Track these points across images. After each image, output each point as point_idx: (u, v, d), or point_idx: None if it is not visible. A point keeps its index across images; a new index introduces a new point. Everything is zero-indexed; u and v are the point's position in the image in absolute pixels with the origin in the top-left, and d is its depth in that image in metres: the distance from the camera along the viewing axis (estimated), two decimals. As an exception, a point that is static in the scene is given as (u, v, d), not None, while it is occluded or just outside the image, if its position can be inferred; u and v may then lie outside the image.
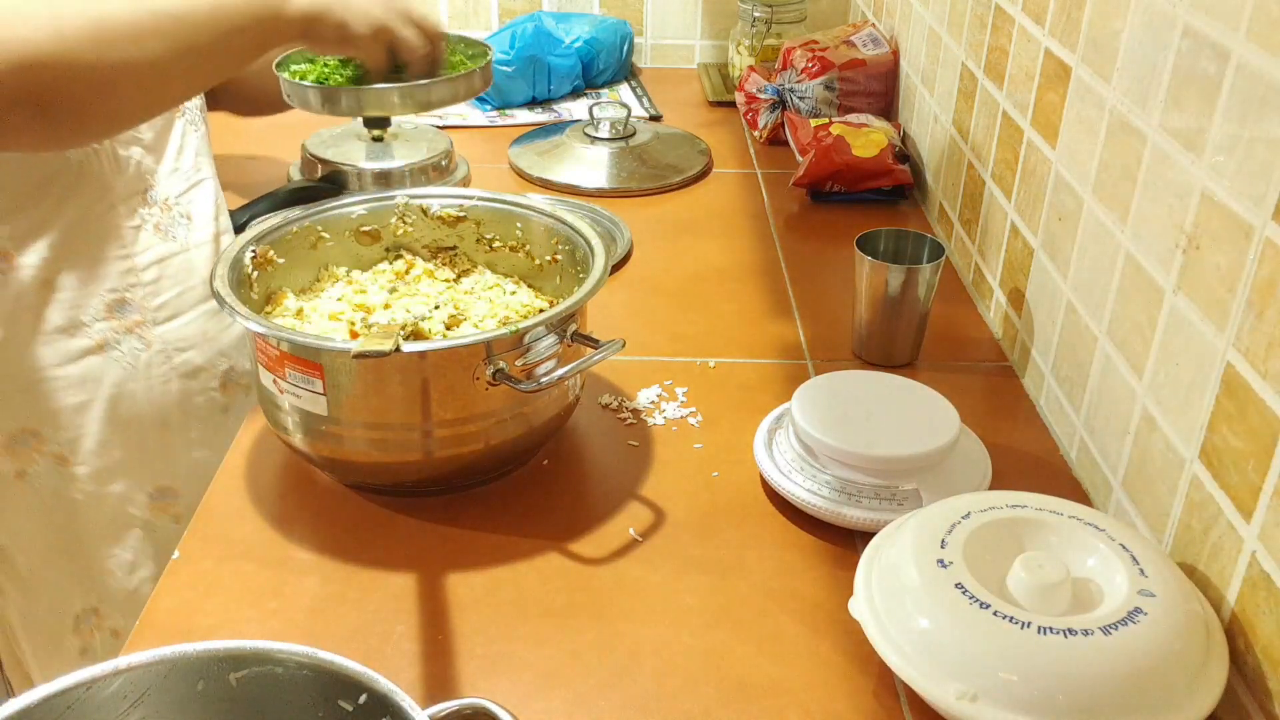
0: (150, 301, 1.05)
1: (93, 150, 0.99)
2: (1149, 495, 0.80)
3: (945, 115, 1.33)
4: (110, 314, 1.02)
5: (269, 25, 0.92)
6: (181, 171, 1.09)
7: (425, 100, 1.06)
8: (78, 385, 1.02)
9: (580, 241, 0.95)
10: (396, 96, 1.04)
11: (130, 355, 1.05)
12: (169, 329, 1.07)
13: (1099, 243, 0.90)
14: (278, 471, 0.93)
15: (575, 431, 0.98)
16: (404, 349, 0.78)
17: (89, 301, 1.01)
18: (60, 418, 1.02)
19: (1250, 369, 0.67)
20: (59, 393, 1.01)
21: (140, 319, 1.05)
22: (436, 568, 0.83)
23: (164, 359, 1.07)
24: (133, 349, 1.05)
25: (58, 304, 0.99)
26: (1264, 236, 0.66)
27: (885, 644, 0.68)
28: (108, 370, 1.03)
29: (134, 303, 1.04)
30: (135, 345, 1.05)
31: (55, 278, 0.99)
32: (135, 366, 1.05)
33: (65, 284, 0.99)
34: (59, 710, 0.53)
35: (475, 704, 0.59)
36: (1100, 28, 0.89)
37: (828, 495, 0.85)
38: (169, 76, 0.89)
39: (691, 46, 1.99)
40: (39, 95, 0.82)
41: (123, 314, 1.03)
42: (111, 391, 1.04)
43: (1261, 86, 0.66)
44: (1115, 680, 0.63)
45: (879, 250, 1.06)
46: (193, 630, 0.77)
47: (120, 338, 1.04)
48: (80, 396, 1.02)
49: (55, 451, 1.03)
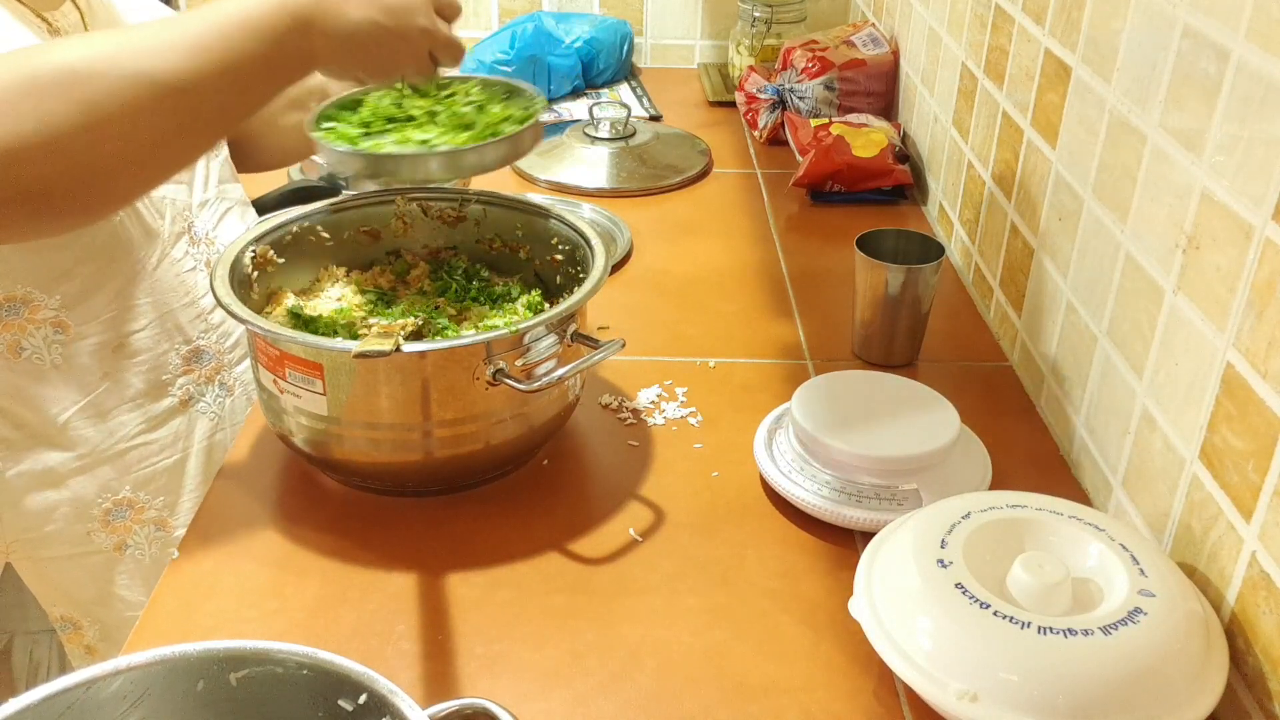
0: (224, 343, 1.04)
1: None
2: (1149, 495, 0.80)
3: (945, 115, 1.33)
4: (189, 366, 1.01)
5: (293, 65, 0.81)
6: (210, 202, 1.06)
7: (479, 164, 0.88)
8: (170, 446, 1.01)
9: (580, 241, 0.95)
10: (436, 164, 0.87)
11: (215, 404, 1.04)
12: (245, 368, 1.07)
13: (1099, 243, 0.90)
14: (278, 471, 0.93)
15: (575, 431, 0.98)
16: (404, 349, 0.78)
17: (168, 359, 0.99)
18: (155, 482, 1.01)
19: (1250, 369, 0.67)
20: (150, 457, 1.00)
21: (217, 364, 1.04)
22: (436, 568, 0.83)
23: (246, 400, 1.06)
24: (216, 397, 1.04)
25: (136, 368, 0.97)
26: (1264, 236, 0.66)
27: (885, 644, 0.68)
28: (196, 425, 1.02)
29: (209, 349, 1.03)
30: (218, 393, 1.04)
31: (127, 341, 0.96)
32: (221, 415, 1.04)
33: (140, 345, 0.97)
34: (59, 710, 0.53)
35: (475, 704, 0.59)
36: (1100, 28, 0.89)
37: (828, 495, 0.85)
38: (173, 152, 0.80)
39: (691, 46, 1.99)
40: (31, 190, 0.73)
41: (200, 363, 1.02)
42: (202, 444, 1.03)
43: (1261, 86, 0.66)
44: (1115, 680, 0.63)
45: (879, 250, 1.06)
46: (193, 630, 0.77)
47: (203, 389, 1.03)
48: (173, 456, 1.01)
49: (154, 517, 1.01)
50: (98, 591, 1.02)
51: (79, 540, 0.99)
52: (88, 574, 1.01)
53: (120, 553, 1.01)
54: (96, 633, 1.04)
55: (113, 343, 0.95)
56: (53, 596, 1.03)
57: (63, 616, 1.04)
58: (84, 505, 0.98)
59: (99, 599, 1.02)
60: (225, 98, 0.79)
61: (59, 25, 0.92)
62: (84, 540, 0.99)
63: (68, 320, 0.92)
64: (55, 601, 1.04)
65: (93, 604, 1.03)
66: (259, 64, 0.78)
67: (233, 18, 0.77)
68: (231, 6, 0.77)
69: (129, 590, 1.02)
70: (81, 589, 1.02)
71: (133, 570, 1.02)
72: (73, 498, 0.97)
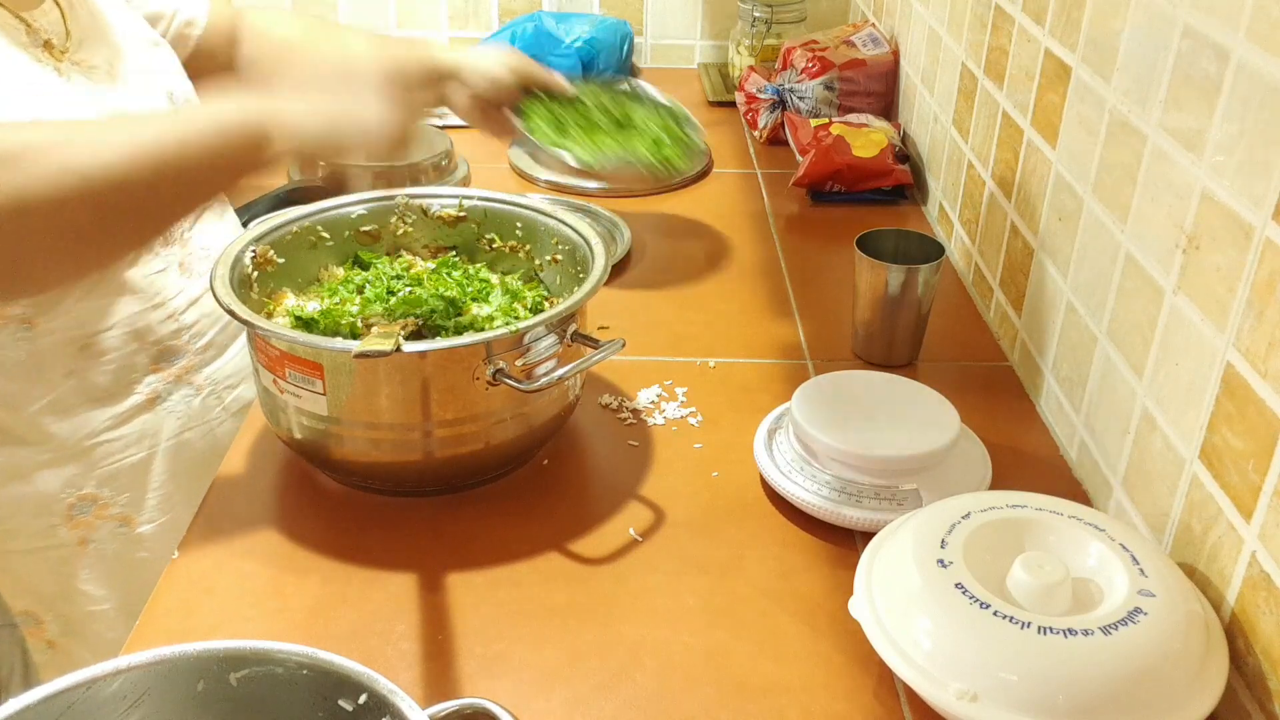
0: (195, 344, 1.03)
1: None
2: (1149, 495, 0.80)
3: (945, 115, 1.33)
4: (157, 365, 1.00)
5: (245, 161, 0.81)
6: None
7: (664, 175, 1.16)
8: (136, 443, 1.00)
9: (580, 241, 0.95)
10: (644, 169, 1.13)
11: (182, 404, 1.02)
12: (216, 369, 1.05)
13: (1099, 243, 0.90)
14: (278, 471, 0.93)
15: (575, 431, 0.98)
16: (404, 349, 0.78)
17: (136, 359, 0.98)
18: (119, 479, 1.00)
19: (1250, 369, 0.67)
20: (115, 454, 0.99)
21: (188, 364, 1.02)
22: (436, 568, 0.83)
23: (215, 400, 1.05)
24: (184, 397, 1.03)
25: (102, 368, 0.96)
26: (1264, 236, 0.66)
27: (885, 644, 0.68)
28: (163, 423, 1.01)
29: (180, 349, 1.01)
30: (186, 393, 1.03)
31: (94, 340, 0.95)
32: (188, 414, 1.03)
33: (108, 344, 0.96)
34: (59, 710, 0.53)
35: (475, 704, 0.59)
36: (1100, 28, 0.89)
37: (828, 495, 0.85)
38: (100, 247, 0.80)
39: (691, 46, 1.99)
40: None
41: (170, 362, 1.01)
42: (169, 444, 1.02)
43: (1261, 86, 0.66)
44: (1115, 680, 0.63)
45: (879, 250, 1.06)
46: (193, 630, 0.77)
47: (170, 388, 1.01)
48: (138, 454, 1.00)
49: (118, 514, 1.01)
50: (60, 586, 1.01)
51: (41, 534, 0.99)
52: (49, 567, 1.00)
53: (83, 547, 1.00)
54: (59, 628, 1.04)
55: (79, 341, 0.94)
56: (15, 590, 1.03)
57: (25, 610, 1.04)
58: (47, 500, 0.97)
59: (61, 594, 1.02)
60: (161, 199, 0.80)
61: (38, 25, 0.91)
62: (46, 534, 0.99)
63: (35, 318, 0.92)
64: (17, 595, 1.03)
65: (55, 598, 1.02)
66: (205, 171, 0.80)
67: (191, 125, 0.79)
68: (193, 115, 0.78)
69: (91, 585, 1.01)
70: (43, 582, 1.01)
71: (95, 565, 1.01)
72: (36, 492, 0.97)
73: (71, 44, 0.93)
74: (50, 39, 0.91)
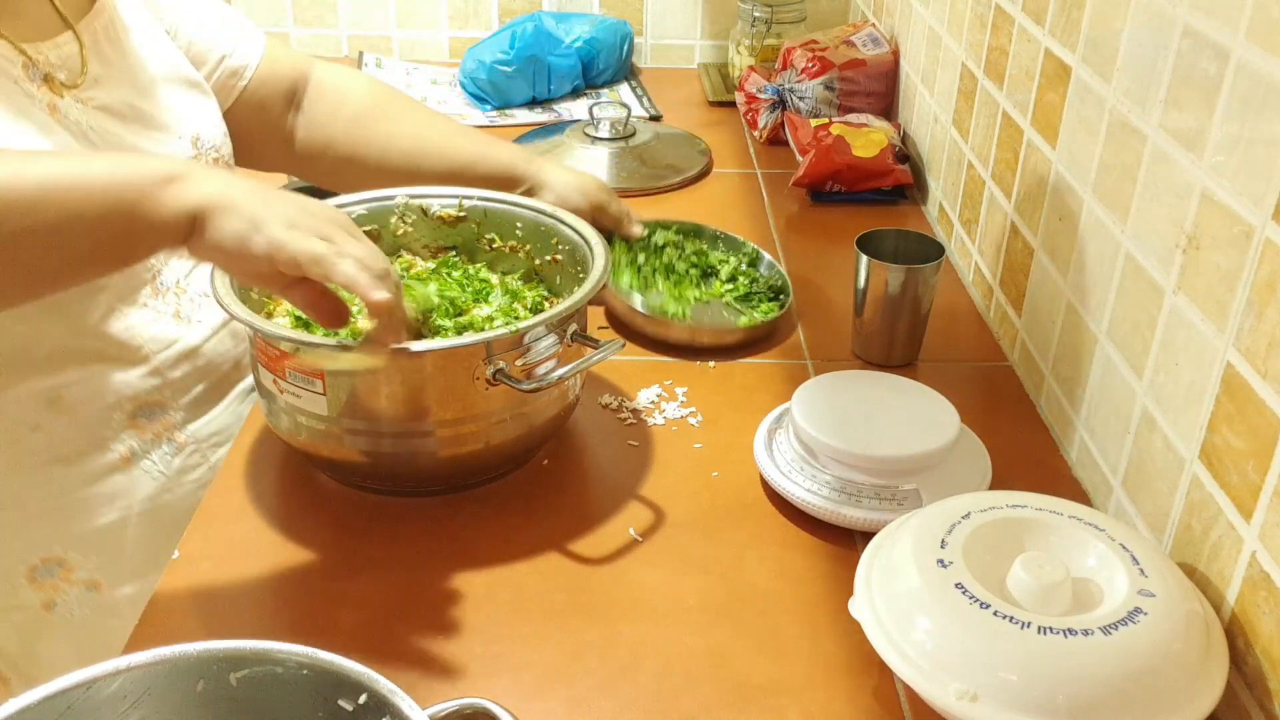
0: (179, 400, 0.96)
1: None
2: (1149, 495, 0.80)
3: (945, 115, 1.33)
4: (133, 423, 0.93)
5: (126, 239, 0.73)
6: None
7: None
8: (106, 504, 0.93)
9: (580, 241, 0.95)
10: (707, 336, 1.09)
11: (161, 464, 0.95)
12: (200, 425, 0.98)
13: (1099, 243, 0.90)
14: (278, 471, 0.93)
15: (575, 431, 0.98)
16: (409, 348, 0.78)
17: (111, 415, 0.91)
18: (89, 542, 0.93)
19: (1250, 369, 0.67)
20: (84, 516, 0.92)
21: (171, 421, 0.95)
22: (436, 568, 0.83)
23: (200, 459, 0.98)
24: (163, 456, 0.95)
25: (73, 422, 0.90)
26: (1264, 236, 0.66)
27: (885, 644, 0.68)
28: (138, 484, 0.94)
29: (163, 404, 0.94)
30: (165, 451, 0.95)
31: (62, 395, 0.89)
32: (167, 474, 0.96)
33: (77, 398, 0.89)
34: (59, 710, 0.53)
35: (475, 704, 0.59)
36: (1100, 28, 0.89)
37: (828, 495, 0.85)
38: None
39: (691, 46, 1.99)
40: None
41: (150, 418, 0.94)
42: (146, 506, 0.95)
43: (1261, 86, 0.66)
44: (1115, 680, 0.63)
45: (879, 250, 1.06)
46: (193, 630, 0.77)
47: (148, 447, 0.94)
48: (110, 515, 0.93)
49: (85, 579, 0.94)
50: (23, 648, 0.94)
51: (2, 594, 0.92)
52: (12, 628, 0.94)
53: (48, 612, 0.93)
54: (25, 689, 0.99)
55: (46, 395, 0.89)
56: None
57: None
58: (9, 558, 0.92)
59: (26, 655, 0.94)
60: (34, 247, 0.72)
61: (43, 57, 0.87)
62: (8, 594, 0.92)
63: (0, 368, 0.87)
64: None
65: (19, 659, 0.95)
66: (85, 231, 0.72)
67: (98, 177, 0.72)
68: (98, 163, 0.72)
69: (57, 650, 0.94)
70: (6, 641, 0.94)
71: (61, 630, 0.94)
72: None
73: (85, 79, 0.89)
74: (54, 73, 0.87)
